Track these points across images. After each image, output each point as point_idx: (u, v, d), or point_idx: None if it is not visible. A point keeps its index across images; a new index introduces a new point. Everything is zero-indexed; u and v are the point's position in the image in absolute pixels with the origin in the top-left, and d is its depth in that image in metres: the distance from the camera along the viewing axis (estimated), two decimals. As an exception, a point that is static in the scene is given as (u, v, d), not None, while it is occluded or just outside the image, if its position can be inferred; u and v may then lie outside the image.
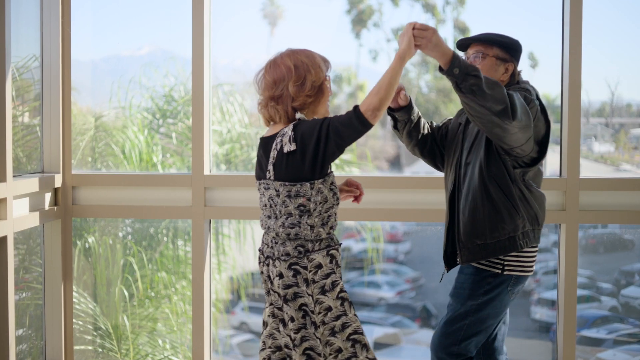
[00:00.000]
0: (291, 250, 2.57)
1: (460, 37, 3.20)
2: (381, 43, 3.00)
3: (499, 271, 2.80)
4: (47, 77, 3.92)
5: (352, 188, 2.81)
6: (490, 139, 2.76)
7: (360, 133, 2.49)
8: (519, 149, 2.73)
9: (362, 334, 2.58)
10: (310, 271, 2.56)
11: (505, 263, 2.80)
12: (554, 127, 3.13)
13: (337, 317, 2.57)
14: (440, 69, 2.60)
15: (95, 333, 4.75)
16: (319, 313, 2.56)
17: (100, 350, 4.73)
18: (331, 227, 2.60)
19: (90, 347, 4.68)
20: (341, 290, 2.59)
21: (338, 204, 2.62)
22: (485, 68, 2.82)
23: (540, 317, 8.39)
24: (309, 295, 2.56)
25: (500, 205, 2.75)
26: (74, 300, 4.35)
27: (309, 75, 2.57)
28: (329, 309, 2.57)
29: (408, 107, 2.96)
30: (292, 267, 2.56)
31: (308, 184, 2.53)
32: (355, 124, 2.48)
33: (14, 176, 3.55)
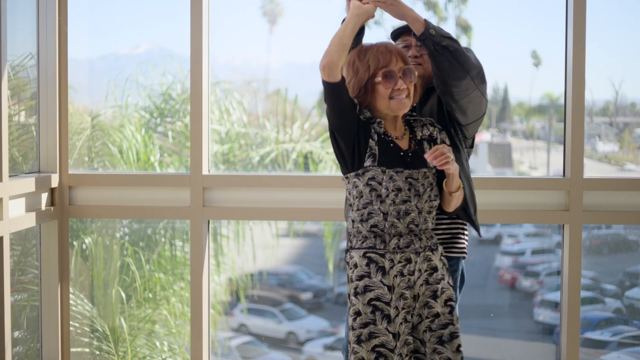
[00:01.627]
0: (347, 244, 2.59)
1: (463, 35, 3.19)
2: (382, 41, 3.00)
3: (465, 255, 2.81)
4: (44, 76, 3.92)
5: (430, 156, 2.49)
6: (449, 118, 2.73)
7: (328, 97, 2.44)
8: (471, 127, 2.73)
9: (389, 349, 2.42)
10: (350, 268, 2.52)
11: (465, 246, 2.84)
12: (557, 125, 3.16)
13: (365, 325, 2.45)
14: (414, 35, 2.59)
15: (92, 335, 4.76)
16: (351, 316, 2.47)
17: (97, 352, 4.73)
18: (373, 226, 2.49)
19: (87, 350, 4.69)
20: (377, 299, 2.45)
21: (382, 201, 2.48)
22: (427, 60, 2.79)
23: (544, 319, 8.39)
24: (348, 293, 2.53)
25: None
26: (71, 302, 4.34)
27: (352, 78, 2.53)
28: (358, 313, 2.45)
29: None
30: (345, 260, 2.58)
31: (345, 178, 2.56)
32: (324, 89, 2.45)
33: (9, 176, 3.55)
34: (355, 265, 2.50)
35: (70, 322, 4.13)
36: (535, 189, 3.80)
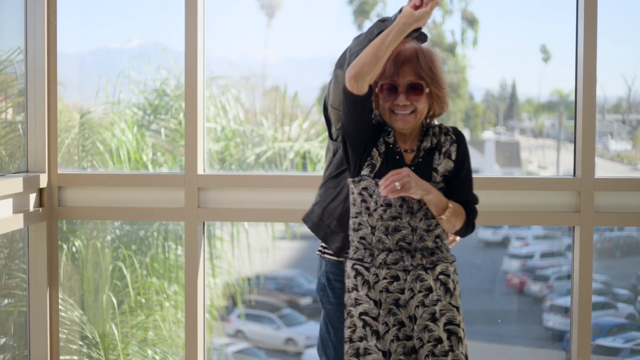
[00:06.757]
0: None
1: (469, 29, 3.20)
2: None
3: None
4: (32, 71, 3.92)
5: None
6: None
7: (348, 107, 2.41)
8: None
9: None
10: (347, 277, 2.53)
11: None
12: (568, 123, 3.16)
13: (360, 339, 2.46)
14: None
15: (81, 342, 4.76)
16: (348, 327, 2.50)
17: (87, 360, 4.74)
18: (362, 237, 2.48)
19: (75, 357, 4.69)
20: (365, 313, 2.45)
21: (369, 214, 2.46)
22: None
23: (553, 325, 8.41)
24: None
25: None
26: (60, 307, 4.35)
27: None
28: (355, 326, 2.48)
29: None
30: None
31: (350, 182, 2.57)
32: (344, 98, 2.42)
33: (-4, 176, 3.55)
34: (348, 276, 2.51)
35: (59, 329, 4.13)
36: (544, 189, 3.80)
